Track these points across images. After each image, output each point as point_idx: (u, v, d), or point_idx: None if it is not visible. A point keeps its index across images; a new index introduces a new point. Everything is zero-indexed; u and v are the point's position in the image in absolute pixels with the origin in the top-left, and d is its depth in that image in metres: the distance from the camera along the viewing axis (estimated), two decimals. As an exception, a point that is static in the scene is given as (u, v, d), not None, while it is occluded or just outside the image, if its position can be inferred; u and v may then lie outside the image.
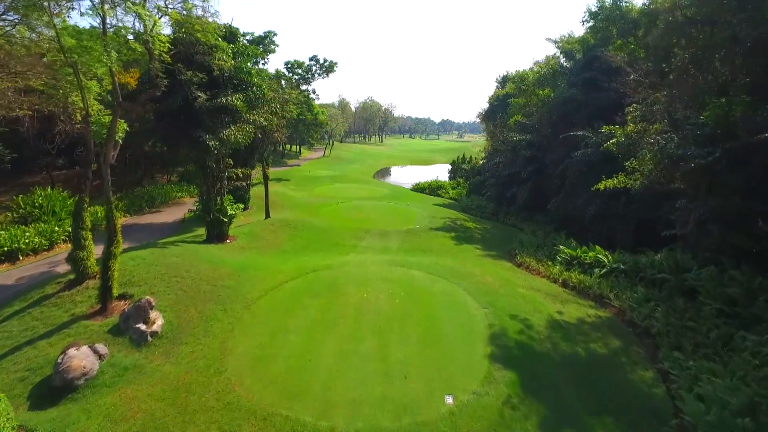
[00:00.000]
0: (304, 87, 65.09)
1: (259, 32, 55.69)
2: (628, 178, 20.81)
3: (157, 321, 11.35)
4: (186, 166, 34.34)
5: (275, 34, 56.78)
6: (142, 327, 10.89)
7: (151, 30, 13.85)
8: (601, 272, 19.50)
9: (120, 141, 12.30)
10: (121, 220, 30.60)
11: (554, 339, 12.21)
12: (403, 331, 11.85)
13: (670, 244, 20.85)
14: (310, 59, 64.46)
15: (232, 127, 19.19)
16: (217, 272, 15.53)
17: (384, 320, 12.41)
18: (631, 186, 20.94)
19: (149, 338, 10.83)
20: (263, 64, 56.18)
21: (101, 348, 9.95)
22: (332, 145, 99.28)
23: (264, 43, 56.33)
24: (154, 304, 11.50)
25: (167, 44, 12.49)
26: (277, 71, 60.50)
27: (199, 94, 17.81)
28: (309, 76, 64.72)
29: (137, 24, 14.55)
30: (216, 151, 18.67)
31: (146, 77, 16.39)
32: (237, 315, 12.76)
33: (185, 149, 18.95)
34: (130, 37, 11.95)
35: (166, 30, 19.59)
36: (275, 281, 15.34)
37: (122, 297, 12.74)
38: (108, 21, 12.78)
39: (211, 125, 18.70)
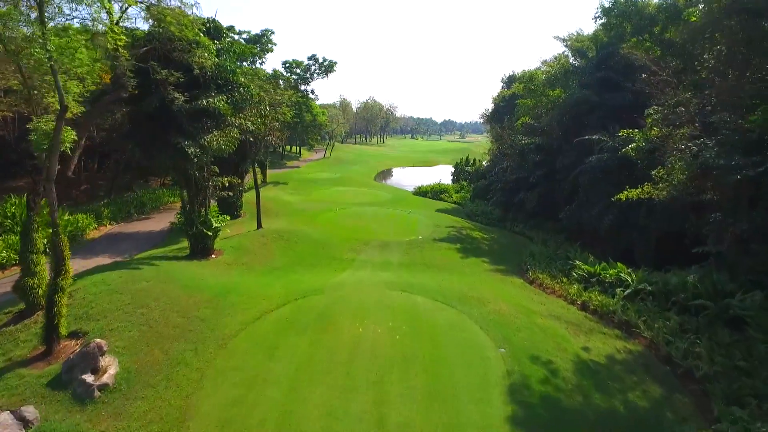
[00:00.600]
0: (303, 87, 63.27)
1: (257, 31, 53.96)
2: (654, 188, 18.76)
3: (110, 369, 9.44)
4: (165, 174, 32.44)
5: (272, 33, 55.00)
6: (89, 378, 8.98)
7: (116, 21, 12.01)
8: (625, 293, 17.49)
9: (70, 152, 10.39)
10: (107, 228, 28.88)
11: (585, 388, 10.23)
12: (405, 380, 9.89)
13: (699, 261, 18.87)
14: (309, 58, 62.57)
15: (215, 132, 17.27)
16: (192, 299, 13.60)
17: (382, 365, 10.45)
18: (656, 196, 18.90)
19: (96, 393, 8.91)
20: (260, 63, 54.45)
21: (29, 412, 8.04)
22: (333, 146, 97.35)
23: (261, 42, 54.56)
24: (105, 348, 9.57)
25: (123, 37, 10.54)
26: (275, 71, 58.64)
27: (177, 96, 15.89)
28: (308, 75, 62.84)
29: (104, 16, 12.73)
30: (196, 159, 16.75)
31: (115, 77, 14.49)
32: (209, 356, 10.83)
33: (162, 156, 17.03)
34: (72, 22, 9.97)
35: (142, 25, 17.84)
36: (259, 310, 13.40)
37: (74, 335, 10.83)
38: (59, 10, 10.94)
39: (191, 130, 16.76)
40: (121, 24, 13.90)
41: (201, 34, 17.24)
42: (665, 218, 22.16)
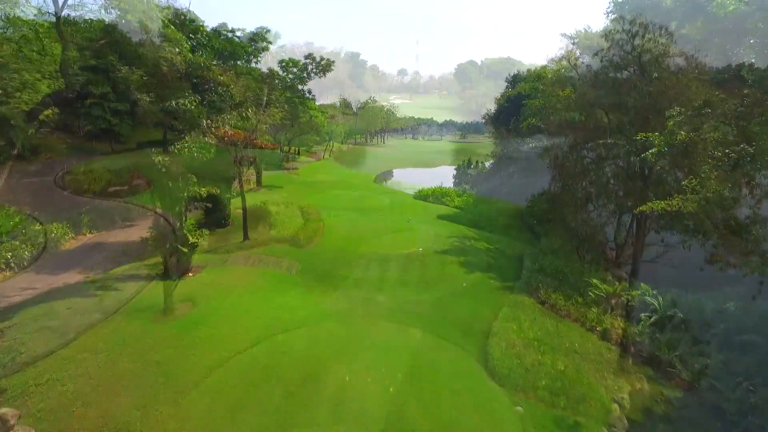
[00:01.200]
0: (300, 87, 61.15)
1: (253, 30, 51.94)
2: (684, 199, 16.64)
3: (21, 446, 7.42)
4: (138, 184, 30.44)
5: (268, 31, 53.00)
6: (-12, 465, 6.96)
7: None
8: (651, 319, 15.44)
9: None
10: (86, 237, 26.89)
11: (626, 465, 8.19)
12: (399, 458, 7.84)
13: (730, 281, 16.81)
14: (306, 57, 60.35)
15: (187, 138, 15.26)
16: (151, 337, 11.54)
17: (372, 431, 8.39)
18: (684, 209, 16.77)
19: (-3, 484, 6.89)
20: (256, 63, 52.43)
21: None
22: (332, 147, 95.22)
23: (256, 41, 52.52)
24: (14, 421, 7.51)
25: (44, 22, 8.48)
26: (270, 70, 56.53)
27: (140, 96, 13.88)
28: (305, 75, 60.64)
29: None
30: (164, 169, 14.73)
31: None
32: (159, 418, 8.77)
33: (130, 164, 15.01)
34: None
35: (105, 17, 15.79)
36: (230, 349, 11.33)
37: (-8, 393, 8.81)
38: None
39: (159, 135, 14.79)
40: (74, 14, 11.87)
41: (172, 26, 15.24)
42: (691, 231, 20.11)
